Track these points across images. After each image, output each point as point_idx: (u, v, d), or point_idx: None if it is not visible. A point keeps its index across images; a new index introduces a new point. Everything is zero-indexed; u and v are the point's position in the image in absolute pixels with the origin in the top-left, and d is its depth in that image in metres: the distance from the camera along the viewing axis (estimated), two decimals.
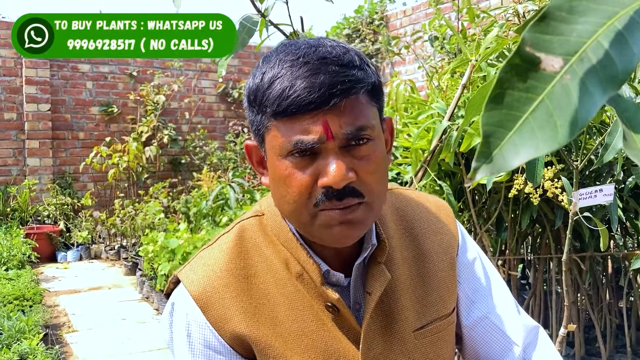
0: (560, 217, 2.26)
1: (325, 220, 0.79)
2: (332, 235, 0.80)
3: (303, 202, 0.79)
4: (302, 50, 0.77)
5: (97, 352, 3.55)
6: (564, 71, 0.37)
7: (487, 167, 0.35)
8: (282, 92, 0.75)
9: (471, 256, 0.98)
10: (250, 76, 0.83)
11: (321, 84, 0.74)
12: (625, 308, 2.92)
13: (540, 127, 0.36)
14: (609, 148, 1.22)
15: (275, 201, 0.85)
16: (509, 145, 0.36)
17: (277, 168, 0.80)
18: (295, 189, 0.78)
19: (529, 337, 0.99)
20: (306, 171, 0.78)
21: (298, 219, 0.81)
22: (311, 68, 0.75)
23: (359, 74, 0.77)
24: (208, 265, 0.88)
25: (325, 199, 0.77)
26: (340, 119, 0.76)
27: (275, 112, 0.76)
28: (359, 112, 0.78)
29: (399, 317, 0.88)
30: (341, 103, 0.75)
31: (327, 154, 0.77)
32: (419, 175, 2.18)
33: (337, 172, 0.75)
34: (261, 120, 0.80)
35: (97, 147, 6.67)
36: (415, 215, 0.97)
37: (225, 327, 0.84)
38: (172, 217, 5.84)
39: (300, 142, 0.76)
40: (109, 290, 5.06)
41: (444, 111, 2.19)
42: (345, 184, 0.76)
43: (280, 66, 0.77)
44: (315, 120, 0.75)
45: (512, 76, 0.37)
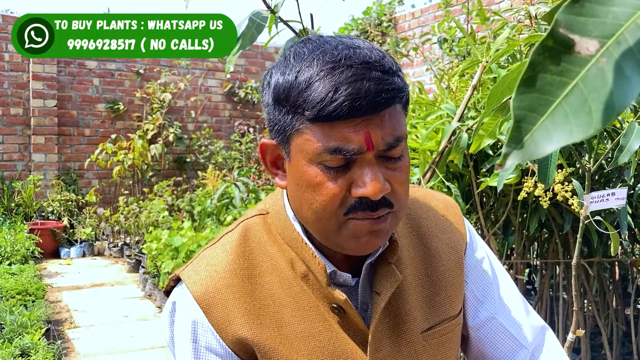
0: (569, 222, 2.23)
1: (355, 230, 0.77)
2: (359, 244, 0.78)
3: (333, 211, 0.76)
4: (341, 52, 0.73)
5: (98, 349, 3.54)
6: (600, 54, 0.35)
7: (518, 153, 0.34)
8: (325, 96, 0.71)
9: (479, 255, 0.96)
10: (277, 72, 0.78)
11: (367, 92, 0.70)
12: (632, 315, 2.89)
13: (574, 112, 0.34)
14: (624, 150, 1.20)
15: (295, 205, 0.81)
16: (541, 130, 0.34)
17: (305, 173, 0.76)
18: (326, 197, 0.75)
19: (537, 339, 0.97)
20: (338, 180, 0.75)
21: (324, 226, 0.78)
22: (355, 73, 0.71)
23: (399, 82, 0.75)
24: (211, 265, 0.85)
25: (358, 208, 0.75)
26: (381, 129, 0.73)
27: (315, 116, 0.72)
28: (397, 122, 0.76)
29: (407, 318, 0.86)
30: (384, 112, 0.73)
31: (363, 164, 0.74)
32: (427, 176, 2.15)
33: (376, 184, 0.73)
34: (291, 121, 0.75)
35: (103, 144, 6.68)
36: (422, 213, 0.95)
37: (227, 330, 0.81)
38: (176, 215, 5.84)
39: (338, 151, 0.73)
40: (111, 287, 5.05)
41: (453, 112, 2.17)
42: (382, 195, 0.75)
43: (318, 66, 0.73)
44: (357, 129, 0.72)
45: (544, 59, 0.35)
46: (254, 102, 8.05)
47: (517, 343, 0.94)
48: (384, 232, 0.78)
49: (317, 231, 0.80)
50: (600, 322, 2.68)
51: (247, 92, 7.96)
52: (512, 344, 0.94)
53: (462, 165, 2.15)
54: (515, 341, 0.94)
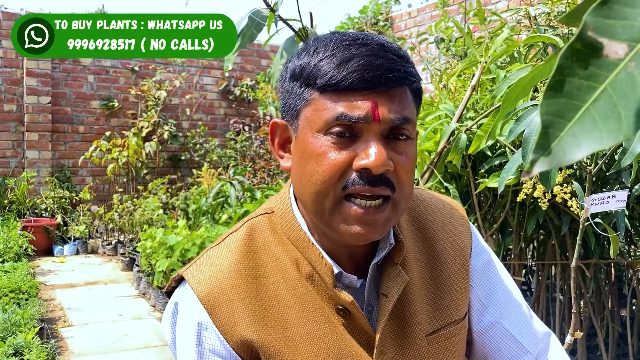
0: (566, 223, 2.23)
1: (347, 214, 0.76)
2: (351, 231, 0.76)
3: (332, 183, 0.75)
4: (359, 35, 0.77)
5: (92, 348, 3.52)
6: (629, 58, 0.34)
7: (545, 160, 0.33)
8: (338, 65, 0.73)
9: (484, 259, 0.96)
10: (296, 57, 0.80)
11: (379, 66, 0.73)
12: (628, 316, 2.89)
13: (602, 117, 0.33)
14: (627, 152, 1.20)
15: (298, 183, 0.80)
16: (568, 136, 0.33)
17: (310, 144, 0.76)
18: (326, 167, 0.75)
19: (541, 345, 0.96)
20: (342, 152, 0.75)
21: (320, 202, 0.77)
22: (370, 50, 0.74)
23: (412, 69, 0.77)
24: (215, 265, 0.84)
25: (358, 182, 0.74)
26: (389, 105, 0.74)
27: (326, 83, 0.74)
28: (406, 104, 0.77)
29: (413, 321, 0.85)
30: (394, 90, 0.75)
31: (369, 137, 0.74)
32: (425, 176, 2.15)
33: (379, 156, 0.73)
34: (302, 93, 0.77)
35: (97, 141, 6.65)
36: (428, 215, 0.94)
37: (232, 331, 0.80)
38: (170, 213, 5.81)
39: (344, 116, 0.74)
40: (105, 286, 5.02)
41: (452, 112, 2.17)
42: (384, 170, 0.74)
43: (336, 44, 0.75)
44: (364, 98, 0.74)
45: (572, 62, 0.34)
46: (249, 100, 8.03)
47: (522, 348, 0.94)
48: (378, 224, 0.76)
49: (313, 209, 0.78)
50: (597, 323, 2.68)
51: (242, 90, 7.94)
52: (516, 349, 0.94)
53: (461, 165, 2.15)
54: (520, 346, 0.94)
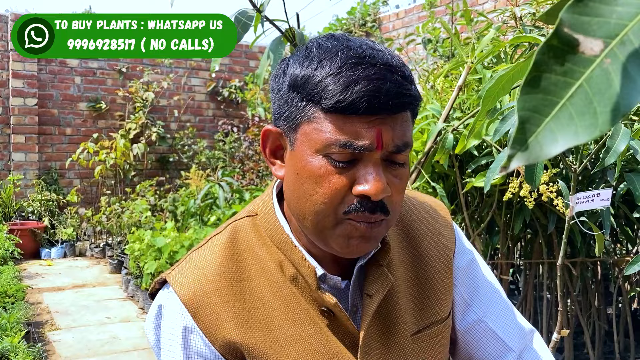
0: (553, 222, 2.25)
1: (349, 231, 0.76)
2: (349, 246, 0.77)
3: (333, 206, 0.75)
4: (366, 51, 0.74)
5: (80, 351, 3.50)
6: (604, 55, 0.34)
7: (522, 155, 0.33)
8: (344, 88, 0.71)
9: (468, 258, 0.96)
10: (296, 62, 0.77)
11: (387, 92, 0.71)
12: (614, 314, 2.92)
13: (579, 113, 0.33)
14: (610, 151, 1.21)
15: (293, 196, 0.80)
16: (545, 132, 0.33)
17: (309, 164, 0.75)
18: (327, 190, 0.75)
19: (525, 342, 0.97)
20: (342, 175, 0.74)
21: (320, 221, 0.77)
22: (378, 72, 0.72)
23: (415, 91, 0.76)
24: (199, 268, 0.84)
25: (357, 209, 0.75)
26: (393, 131, 0.74)
27: (332, 106, 0.72)
28: (407, 128, 0.77)
29: (397, 321, 0.86)
30: (398, 115, 0.74)
31: (369, 163, 0.74)
32: (412, 176, 2.16)
33: (379, 183, 0.73)
34: (304, 108, 0.75)
35: (84, 143, 6.60)
36: (412, 215, 0.94)
37: (216, 334, 0.80)
38: (159, 215, 5.79)
39: (348, 145, 0.72)
40: (93, 288, 4.99)
41: (438, 113, 2.18)
42: (382, 197, 0.74)
43: (341, 59, 0.73)
44: (369, 125, 0.72)
45: (549, 58, 0.34)
46: (238, 101, 8.01)
47: (505, 346, 0.94)
48: (375, 238, 0.78)
49: (312, 225, 0.78)
50: (583, 321, 2.70)
51: (231, 91, 7.92)
52: (499, 347, 0.94)
53: (448, 165, 2.16)
54: (503, 344, 0.94)
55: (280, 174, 0.82)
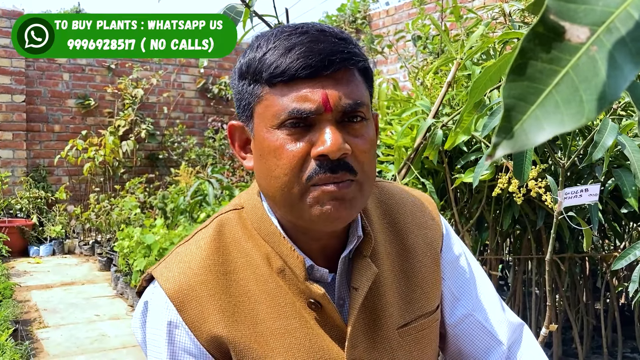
0: (542, 218, 2.26)
1: (318, 195, 0.75)
2: (324, 212, 0.75)
3: (295, 175, 0.75)
4: (300, 24, 0.77)
5: (69, 349, 3.47)
6: (591, 42, 0.34)
7: (508, 143, 0.33)
8: (280, 56, 0.74)
9: (456, 252, 0.96)
10: (241, 57, 0.81)
11: (321, 50, 0.73)
12: (602, 309, 2.94)
13: (565, 101, 0.33)
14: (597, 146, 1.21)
15: (262, 181, 0.80)
16: (531, 120, 0.33)
17: (266, 140, 0.76)
18: (286, 160, 0.75)
19: (514, 336, 0.97)
20: (299, 143, 0.75)
21: (288, 195, 0.76)
22: (311, 36, 0.74)
23: (355, 49, 0.77)
24: (184, 262, 0.83)
25: (319, 171, 0.74)
26: (339, 91, 0.74)
27: (271, 75, 0.74)
28: (356, 87, 0.77)
29: (384, 314, 0.86)
30: (340, 73, 0.75)
31: (323, 125, 0.74)
32: (402, 172, 2.16)
33: (334, 141, 0.73)
34: (253, 90, 0.77)
35: (73, 140, 6.55)
36: (399, 209, 0.94)
37: (202, 328, 0.80)
38: (148, 212, 5.76)
39: (296, 111, 0.73)
40: (82, 286, 4.96)
41: (428, 109, 2.18)
42: (341, 154, 0.74)
43: (277, 38, 0.76)
44: (314, 89, 0.73)
45: (535, 46, 0.34)
46: (227, 98, 7.98)
47: (494, 339, 0.94)
48: (348, 201, 0.76)
49: (282, 203, 0.78)
50: (571, 316, 2.72)
51: (220, 88, 7.89)
52: (489, 341, 0.94)
53: (437, 161, 2.16)
54: (493, 337, 0.94)
55: (250, 164, 0.83)
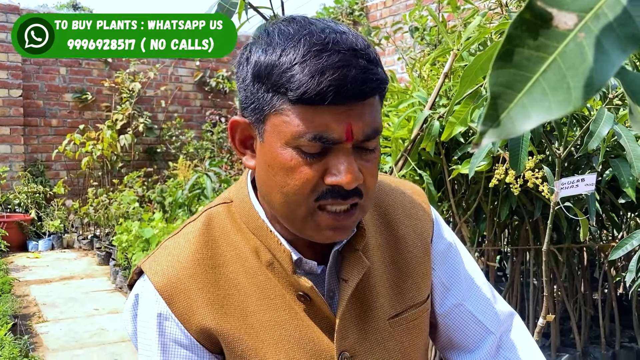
0: (539, 208, 2.26)
1: (320, 222, 0.76)
2: (322, 236, 0.78)
3: (304, 196, 0.75)
4: (329, 35, 0.72)
5: (68, 343, 3.48)
6: (578, 29, 0.33)
7: (494, 132, 0.32)
8: (310, 79, 0.69)
9: (446, 242, 0.97)
10: (258, 49, 0.75)
11: (354, 79, 0.70)
12: (599, 300, 2.94)
13: (552, 88, 0.33)
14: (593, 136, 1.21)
15: (264, 187, 0.79)
16: (518, 107, 0.33)
17: (279, 156, 0.74)
18: (298, 181, 0.74)
19: (505, 325, 0.98)
20: (313, 165, 0.74)
21: (292, 212, 0.77)
22: (342, 59, 0.70)
23: (382, 73, 0.74)
24: (173, 255, 0.84)
25: (329, 196, 0.75)
26: (362, 120, 0.73)
27: (298, 98, 0.70)
28: (376, 114, 0.76)
29: (374, 305, 0.86)
30: (366, 102, 0.73)
31: (340, 153, 0.74)
32: (399, 164, 2.15)
33: (351, 174, 0.73)
34: (270, 100, 0.73)
35: (71, 135, 6.53)
36: (389, 200, 0.94)
37: (191, 320, 0.80)
38: (147, 206, 5.76)
39: (318, 138, 0.72)
40: (81, 280, 4.96)
41: (425, 100, 2.17)
42: (355, 185, 0.74)
43: (304, 47, 0.71)
44: (339, 118, 0.71)
45: (522, 32, 0.33)
46: (225, 91, 7.96)
47: (485, 329, 0.95)
48: (348, 228, 0.79)
49: (284, 215, 0.78)
50: (569, 306, 2.72)
51: (218, 81, 7.87)
52: (479, 330, 0.95)
53: (434, 153, 2.15)
54: (483, 327, 0.95)
55: (252, 164, 0.82)
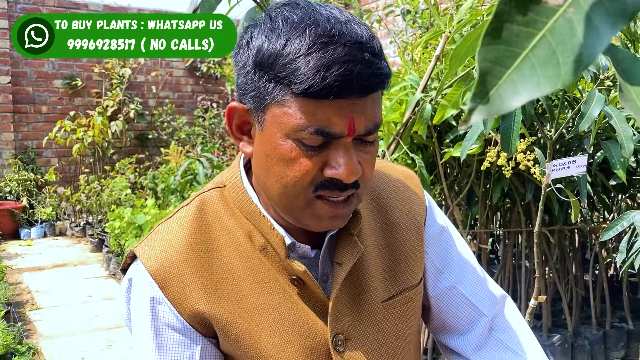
0: (531, 191, 2.27)
1: (319, 211, 0.77)
2: (320, 225, 0.79)
3: (304, 187, 0.75)
4: (334, 26, 0.70)
5: (61, 330, 3.48)
6: (568, 4, 0.33)
7: (483, 109, 0.32)
8: (315, 73, 0.68)
9: (439, 226, 0.97)
10: (261, 35, 0.74)
11: (359, 75, 0.69)
12: (590, 281, 2.97)
13: (541, 64, 0.32)
14: (584, 117, 1.21)
15: (262, 176, 0.79)
16: (507, 84, 0.32)
17: (279, 146, 0.74)
18: (298, 173, 0.74)
19: (497, 307, 0.98)
20: (313, 158, 0.74)
21: (291, 202, 0.77)
22: (348, 53, 0.69)
23: (386, 67, 0.73)
24: (166, 239, 0.83)
25: (327, 187, 0.75)
26: (364, 115, 0.73)
27: (302, 91, 0.69)
28: (378, 108, 0.75)
29: (368, 288, 0.86)
30: (369, 97, 0.73)
31: (340, 146, 0.74)
32: (391, 148, 2.15)
33: (351, 168, 0.73)
34: (273, 90, 0.72)
35: (61, 122, 6.49)
36: (383, 185, 0.95)
37: (184, 305, 0.80)
38: (139, 193, 5.74)
39: (321, 132, 0.71)
40: (74, 267, 4.95)
41: (417, 83, 2.17)
42: (354, 179, 0.75)
43: (310, 38, 0.69)
44: (341, 112, 0.71)
45: (511, 8, 0.33)
46: (216, 76, 7.91)
47: (477, 311, 0.95)
48: (345, 216, 0.80)
49: (282, 205, 0.79)
50: (561, 288, 2.75)
51: (209, 66, 7.82)
52: (472, 312, 0.95)
53: (426, 136, 2.15)
54: (476, 309, 0.95)
55: (249, 150, 0.81)
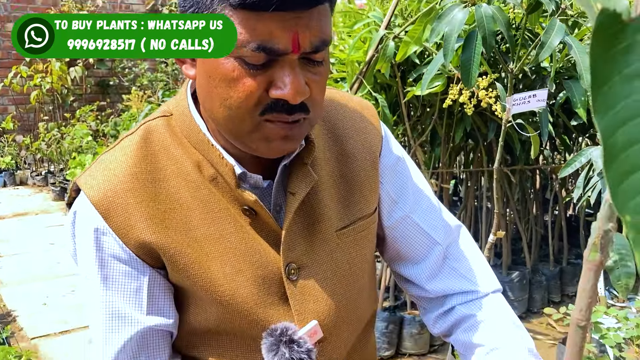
0: (492, 130, 2.27)
1: (268, 133, 0.73)
2: (270, 148, 0.74)
3: (248, 110, 0.71)
4: None
5: (22, 277, 3.44)
6: None
7: None
8: None
9: (394, 157, 0.95)
10: None
11: None
12: (550, 220, 3.04)
13: None
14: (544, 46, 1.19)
15: (206, 100, 0.75)
16: None
17: (220, 66, 0.70)
18: (242, 94, 0.70)
19: (452, 236, 0.98)
20: (257, 77, 0.69)
21: (237, 126, 0.73)
22: None
23: None
24: (109, 169, 0.79)
25: (274, 109, 0.70)
26: (309, 30, 0.67)
27: (240, 2, 0.65)
28: (325, 23, 0.70)
29: (322, 217, 0.85)
30: (314, 10, 0.67)
31: (285, 65, 0.69)
32: (354, 87, 2.12)
33: (297, 87, 0.69)
34: (211, 4, 0.69)
35: (17, 67, 6.23)
36: (338, 115, 0.92)
37: (129, 235, 0.77)
38: (101, 140, 5.61)
39: (262, 48, 0.67)
40: (36, 216, 4.87)
41: (380, 20, 2.12)
42: (301, 99, 0.70)
43: None
44: (284, 25, 0.66)
45: None
46: None
47: (432, 240, 0.95)
48: (296, 138, 0.76)
49: (228, 130, 0.75)
50: (521, 227, 2.80)
51: (171, 9, 7.56)
52: (426, 241, 0.95)
53: (390, 75, 2.12)
54: (430, 238, 0.95)
55: (191, 73, 0.77)
